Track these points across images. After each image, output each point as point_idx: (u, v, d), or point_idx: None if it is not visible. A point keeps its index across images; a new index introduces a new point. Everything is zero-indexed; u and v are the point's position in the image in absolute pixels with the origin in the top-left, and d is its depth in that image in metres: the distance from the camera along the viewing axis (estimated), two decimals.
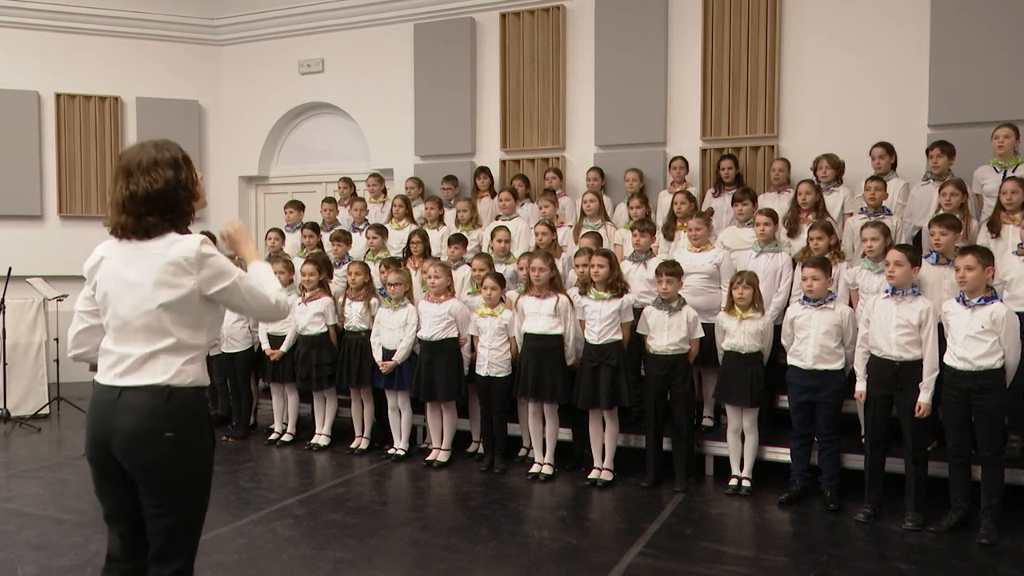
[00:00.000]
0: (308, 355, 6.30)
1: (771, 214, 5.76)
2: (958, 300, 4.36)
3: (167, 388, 2.32)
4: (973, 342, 4.24)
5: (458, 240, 6.67)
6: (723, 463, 5.40)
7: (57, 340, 7.91)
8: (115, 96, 9.46)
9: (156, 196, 2.35)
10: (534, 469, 5.53)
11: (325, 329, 6.34)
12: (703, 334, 5.32)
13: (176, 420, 2.33)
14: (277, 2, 9.41)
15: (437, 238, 7.14)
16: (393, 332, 5.97)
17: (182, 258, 2.33)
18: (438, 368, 5.74)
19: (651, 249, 5.96)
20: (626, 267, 5.79)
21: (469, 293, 6.07)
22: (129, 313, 2.36)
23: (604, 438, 5.37)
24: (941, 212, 5.42)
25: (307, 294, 6.37)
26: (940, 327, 4.50)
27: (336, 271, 6.83)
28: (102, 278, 2.41)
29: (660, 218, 6.92)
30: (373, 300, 6.22)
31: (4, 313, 7.50)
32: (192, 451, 2.37)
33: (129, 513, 2.43)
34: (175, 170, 2.39)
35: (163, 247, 2.35)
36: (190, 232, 2.45)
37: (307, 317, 6.34)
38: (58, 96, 9.24)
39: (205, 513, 2.49)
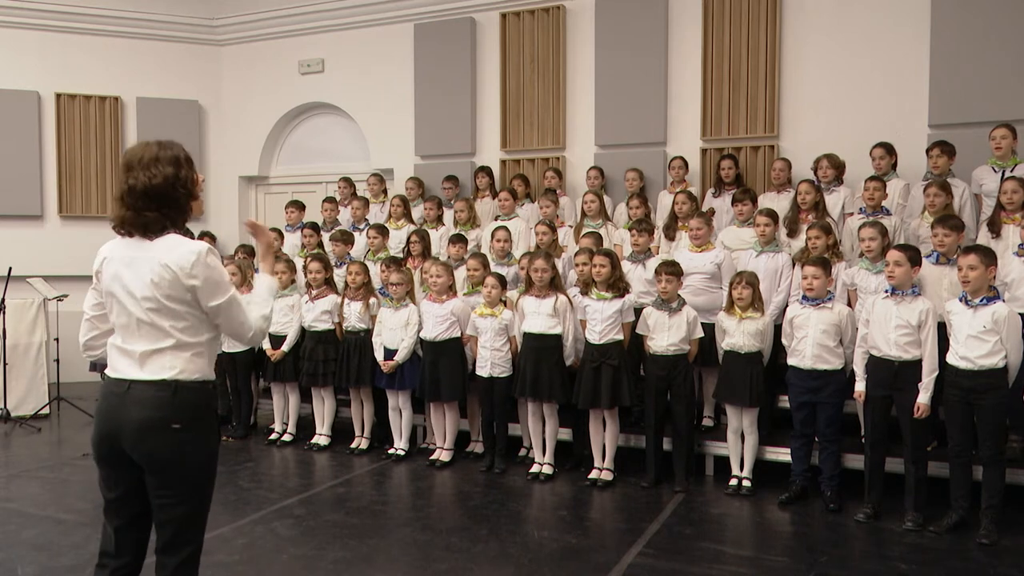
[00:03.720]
0: (315, 351, 6.31)
1: (771, 214, 5.76)
2: (960, 300, 4.36)
3: (173, 383, 2.41)
4: (975, 342, 4.24)
5: (459, 240, 6.67)
6: (723, 463, 5.40)
7: (57, 340, 7.91)
8: (115, 96, 9.46)
9: (153, 191, 2.41)
10: (534, 469, 5.53)
11: (332, 326, 6.36)
12: (703, 334, 5.32)
13: (183, 413, 2.41)
14: (277, 2, 9.41)
15: (437, 238, 7.15)
16: (394, 332, 5.97)
17: (179, 266, 2.38)
18: (442, 368, 5.74)
19: (650, 249, 5.97)
20: (625, 267, 5.78)
21: (465, 293, 6.07)
22: (130, 313, 2.43)
23: (604, 438, 5.37)
24: (926, 213, 5.48)
25: (314, 291, 6.38)
26: (941, 327, 4.50)
27: (336, 271, 6.83)
28: (106, 279, 2.49)
29: (660, 218, 6.93)
30: (372, 300, 6.23)
31: (4, 313, 7.49)
32: (199, 442, 2.46)
33: (129, 506, 2.50)
34: (175, 167, 2.44)
35: (163, 250, 2.41)
36: (188, 231, 2.49)
37: (314, 314, 6.36)
38: (58, 96, 9.23)
39: (210, 503, 2.57)
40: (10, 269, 7.49)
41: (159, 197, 2.41)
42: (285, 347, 6.47)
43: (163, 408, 2.38)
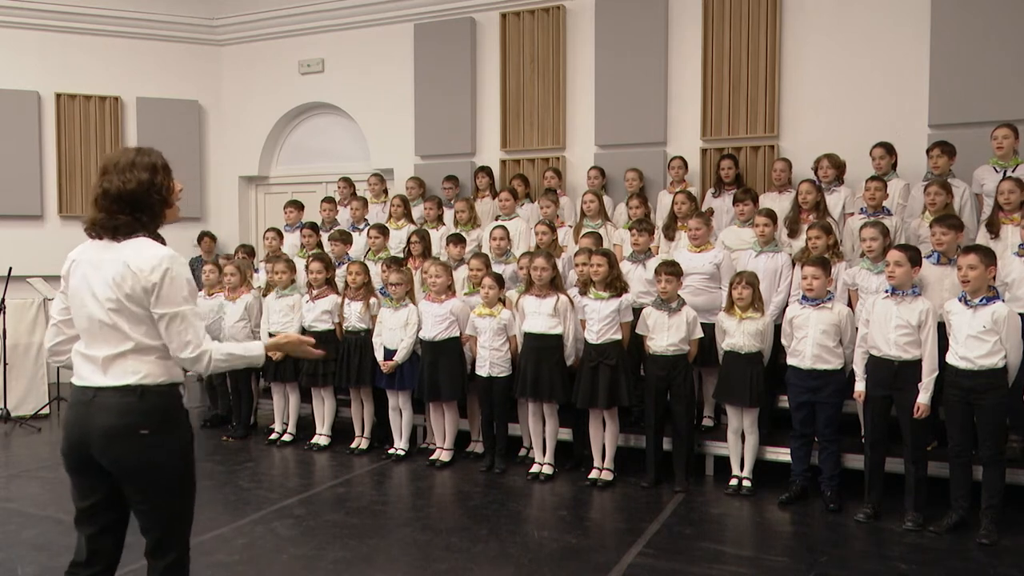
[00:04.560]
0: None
1: (770, 214, 5.76)
2: (960, 300, 4.36)
3: (139, 387, 2.38)
4: (975, 342, 4.24)
5: (458, 240, 6.67)
6: (723, 463, 5.40)
7: None
8: (115, 96, 9.45)
9: (128, 195, 2.41)
10: (534, 469, 5.53)
11: (332, 327, 6.35)
12: (702, 334, 5.32)
13: (150, 417, 2.38)
14: (277, 2, 9.40)
15: (437, 238, 7.15)
16: (394, 332, 5.97)
17: (140, 268, 2.36)
18: (441, 368, 5.74)
19: (650, 249, 5.97)
20: (625, 267, 5.79)
21: (466, 293, 6.07)
22: (92, 316, 2.40)
23: (604, 438, 5.37)
24: (926, 212, 5.46)
25: (315, 291, 6.38)
26: (941, 327, 4.50)
27: (336, 271, 6.83)
28: (74, 282, 2.47)
29: (660, 218, 6.92)
30: (372, 300, 6.22)
31: (4, 313, 7.50)
32: (170, 446, 2.43)
33: (104, 514, 2.48)
34: (151, 173, 2.45)
35: (129, 251, 2.39)
36: (160, 238, 2.48)
37: (314, 314, 6.35)
38: (58, 96, 9.23)
39: (193, 505, 2.54)
40: (10, 269, 7.49)
41: (132, 201, 2.41)
42: None
43: (129, 414, 2.36)
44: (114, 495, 2.45)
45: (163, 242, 2.50)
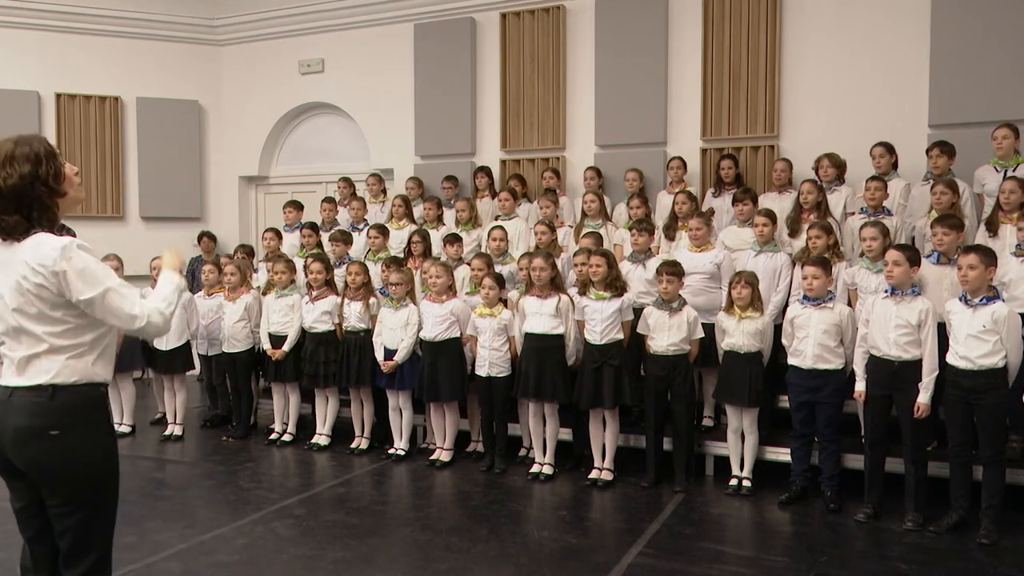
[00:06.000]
0: (316, 352, 6.29)
1: (770, 214, 5.76)
2: (960, 299, 4.36)
3: (50, 387, 2.30)
4: (975, 341, 4.24)
5: (456, 240, 6.67)
6: (723, 463, 5.40)
7: None
8: (115, 96, 9.46)
9: (10, 193, 2.27)
10: (534, 469, 5.53)
11: (332, 327, 6.35)
12: (703, 334, 5.32)
13: (60, 418, 2.31)
14: (277, 2, 9.41)
15: (436, 238, 7.14)
16: (395, 332, 5.97)
17: (39, 264, 2.25)
18: (441, 368, 5.74)
19: (650, 249, 5.97)
20: (625, 267, 5.79)
21: (468, 293, 6.07)
22: (7, 320, 2.33)
23: (605, 438, 5.37)
24: (932, 212, 5.44)
25: (314, 292, 6.37)
26: (941, 326, 4.50)
27: (336, 271, 6.82)
28: None
29: (660, 218, 6.92)
30: (372, 300, 6.22)
31: None
32: (83, 448, 2.34)
33: (35, 517, 2.41)
34: (33, 165, 2.30)
35: (29, 249, 2.29)
36: (66, 228, 2.40)
37: (314, 315, 6.34)
38: (58, 96, 9.23)
39: (114, 511, 2.46)
40: None
41: (17, 198, 2.27)
42: (286, 347, 6.46)
43: (40, 415, 2.28)
44: (39, 496, 2.38)
45: (72, 234, 2.38)
